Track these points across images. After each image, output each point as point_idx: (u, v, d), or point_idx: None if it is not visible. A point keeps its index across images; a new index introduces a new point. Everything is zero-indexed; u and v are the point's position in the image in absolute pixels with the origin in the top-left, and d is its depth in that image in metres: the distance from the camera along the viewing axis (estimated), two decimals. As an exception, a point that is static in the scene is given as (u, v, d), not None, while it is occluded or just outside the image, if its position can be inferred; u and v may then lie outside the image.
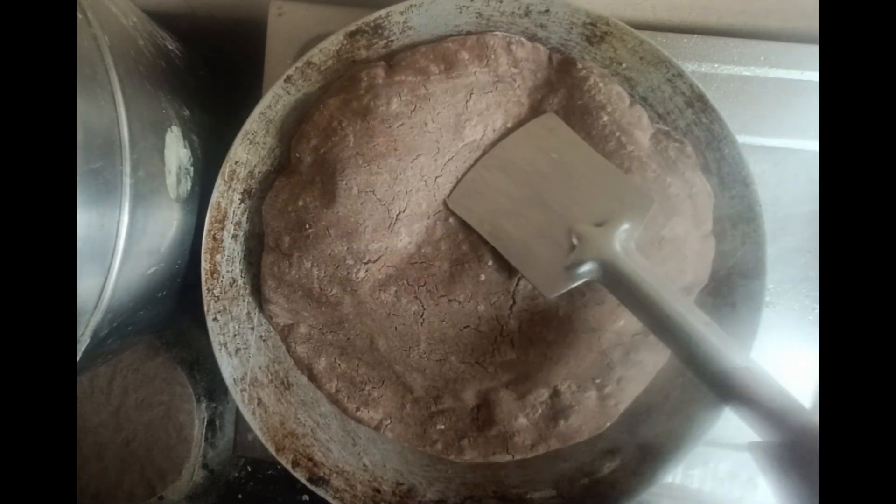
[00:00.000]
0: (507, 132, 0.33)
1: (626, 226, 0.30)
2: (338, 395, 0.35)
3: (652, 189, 0.33)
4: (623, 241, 0.30)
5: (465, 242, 0.32)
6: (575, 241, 0.30)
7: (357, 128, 0.32)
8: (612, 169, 0.32)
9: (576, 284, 0.31)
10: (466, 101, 0.33)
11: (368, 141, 0.32)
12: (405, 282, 0.33)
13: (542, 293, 0.31)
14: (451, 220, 0.32)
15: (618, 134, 0.33)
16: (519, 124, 0.34)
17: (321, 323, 0.35)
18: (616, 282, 0.29)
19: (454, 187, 0.33)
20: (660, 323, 0.28)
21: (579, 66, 0.34)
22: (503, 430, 0.34)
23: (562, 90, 0.34)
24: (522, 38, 0.35)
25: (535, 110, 0.34)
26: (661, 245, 0.33)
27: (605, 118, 0.33)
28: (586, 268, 0.30)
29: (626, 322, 0.33)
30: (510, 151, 0.33)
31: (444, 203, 0.33)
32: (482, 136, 0.33)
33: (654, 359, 0.34)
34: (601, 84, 0.34)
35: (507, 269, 0.32)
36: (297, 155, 0.34)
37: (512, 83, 0.34)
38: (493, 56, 0.34)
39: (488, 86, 0.34)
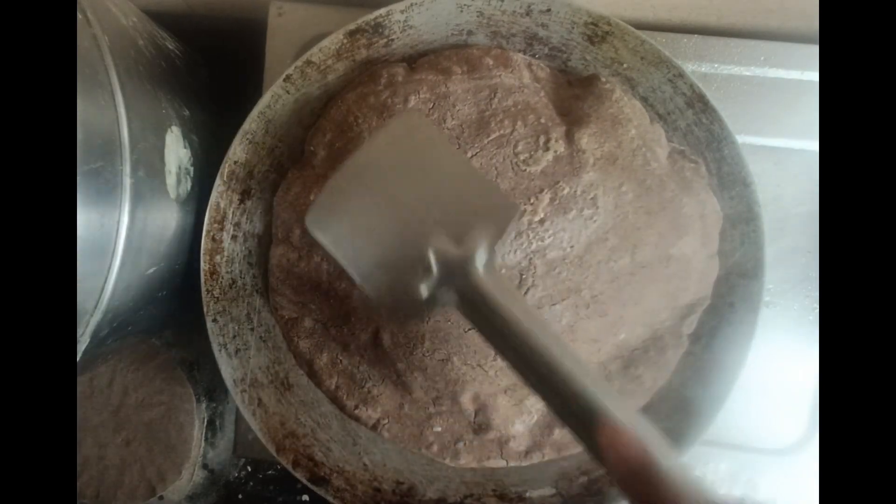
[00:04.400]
0: (542, 128, 0.32)
1: (485, 243, 0.26)
2: (337, 391, 0.35)
3: (667, 208, 0.33)
4: (483, 261, 0.26)
5: None
6: (434, 264, 0.26)
7: (372, 124, 0.33)
8: (475, 173, 0.29)
9: (433, 313, 0.27)
10: (490, 100, 0.33)
11: None
12: None
13: (396, 324, 0.28)
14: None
15: (644, 150, 0.33)
16: (552, 123, 0.33)
17: (327, 317, 0.35)
18: (474, 308, 0.25)
19: (312, 202, 0.28)
20: (518, 354, 0.24)
21: (603, 79, 0.34)
22: (499, 435, 0.34)
23: (589, 98, 0.34)
24: (542, 63, 0.35)
25: (565, 115, 0.34)
26: (668, 263, 0.33)
27: (633, 131, 0.33)
28: (444, 296, 0.26)
29: (626, 336, 0.33)
30: (368, 154, 0.28)
31: (305, 222, 0.28)
32: (512, 132, 0.32)
33: (654, 375, 0.34)
34: (626, 98, 0.34)
35: (518, 277, 0.32)
36: (311, 148, 0.34)
37: (537, 90, 0.34)
38: (516, 68, 0.34)
39: (514, 87, 0.34)
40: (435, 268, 0.26)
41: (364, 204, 0.27)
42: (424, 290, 0.26)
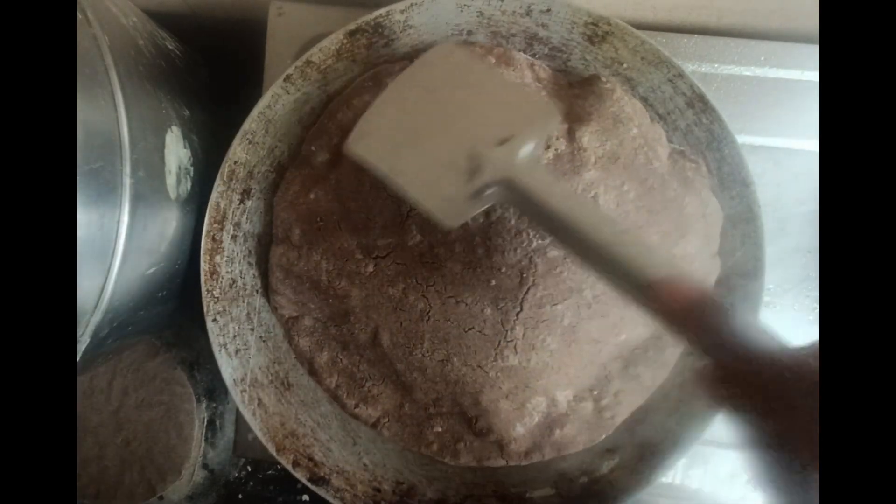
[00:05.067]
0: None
1: (528, 140, 0.28)
2: (337, 390, 0.35)
3: (670, 207, 0.33)
4: (527, 156, 0.28)
5: (482, 246, 0.32)
6: (477, 163, 0.28)
7: None
8: (511, 85, 0.31)
9: (482, 209, 0.29)
10: None
11: None
12: (414, 280, 0.33)
13: (444, 224, 0.28)
14: (469, 220, 0.32)
15: (645, 149, 0.33)
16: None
17: (326, 316, 0.35)
18: (522, 199, 0.28)
19: (354, 129, 0.30)
20: (572, 236, 0.26)
21: (604, 79, 0.34)
22: (499, 438, 0.34)
23: (590, 98, 0.34)
24: (544, 64, 0.35)
25: (566, 114, 0.34)
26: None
27: (635, 130, 0.33)
28: (490, 190, 0.28)
29: (627, 336, 0.33)
30: (405, 84, 0.30)
31: (344, 148, 0.30)
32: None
33: (653, 374, 0.34)
34: (626, 98, 0.34)
35: (519, 276, 0.32)
36: (313, 148, 0.34)
37: (538, 90, 0.34)
38: (518, 66, 0.34)
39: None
40: (481, 167, 0.28)
41: (406, 125, 0.29)
42: (471, 189, 0.28)
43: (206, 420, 0.46)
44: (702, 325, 0.23)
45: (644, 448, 0.34)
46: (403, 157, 0.29)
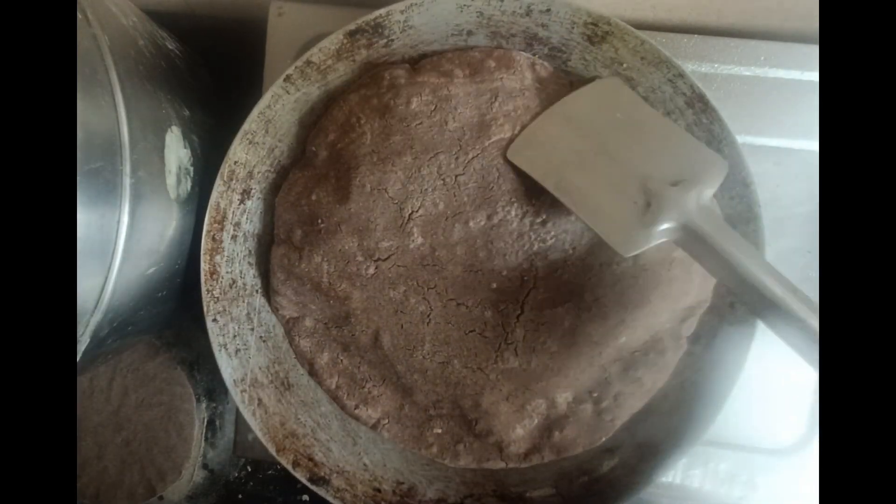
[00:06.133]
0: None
1: (704, 187, 0.29)
2: (338, 391, 0.35)
3: None
4: (704, 203, 0.29)
5: (483, 250, 0.32)
6: (650, 198, 0.28)
7: (375, 125, 0.33)
8: (681, 131, 0.32)
9: (655, 244, 0.28)
10: (492, 103, 0.33)
11: (385, 139, 0.33)
12: (415, 283, 0.33)
13: (618, 251, 0.29)
14: (470, 223, 0.32)
15: None
16: None
17: (327, 317, 0.35)
18: (695, 243, 0.28)
19: (512, 140, 0.32)
20: (743, 286, 0.27)
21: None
22: (499, 440, 0.34)
23: None
24: (545, 63, 0.35)
25: None
26: (671, 265, 0.33)
27: None
28: (665, 227, 0.28)
29: (627, 339, 0.33)
30: (573, 105, 0.32)
31: (503, 156, 0.31)
32: (511, 136, 0.33)
33: (653, 377, 0.34)
34: None
35: (520, 279, 0.32)
36: (313, 149, 0.34)
37: (539, 92, 0.34)
38: (518, 69, 0.34)
39: (515, 91, 0.33)
40: (656, 203, 0.28)
41: (572, 145, 0.31)
42: (647, 222, 0.28)
43: (206, 420, 0.46)
44: None
45: (644, 448, 0.34)
46: (570, 176, 0.30)
